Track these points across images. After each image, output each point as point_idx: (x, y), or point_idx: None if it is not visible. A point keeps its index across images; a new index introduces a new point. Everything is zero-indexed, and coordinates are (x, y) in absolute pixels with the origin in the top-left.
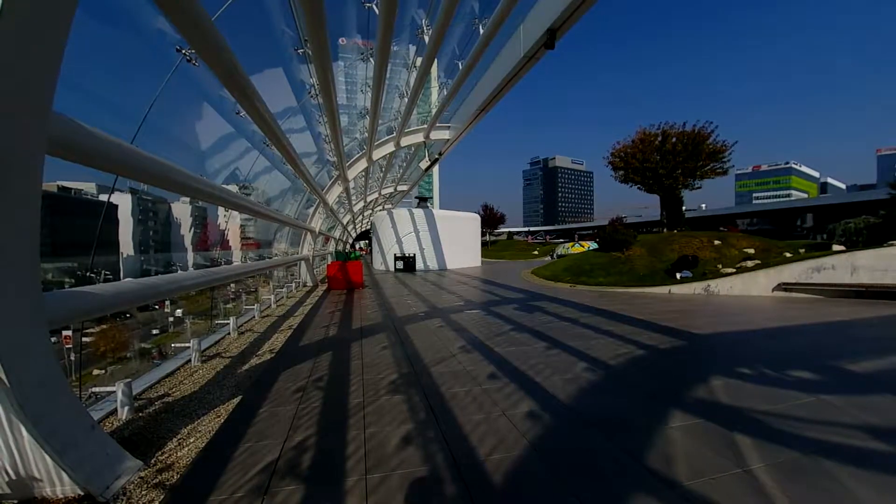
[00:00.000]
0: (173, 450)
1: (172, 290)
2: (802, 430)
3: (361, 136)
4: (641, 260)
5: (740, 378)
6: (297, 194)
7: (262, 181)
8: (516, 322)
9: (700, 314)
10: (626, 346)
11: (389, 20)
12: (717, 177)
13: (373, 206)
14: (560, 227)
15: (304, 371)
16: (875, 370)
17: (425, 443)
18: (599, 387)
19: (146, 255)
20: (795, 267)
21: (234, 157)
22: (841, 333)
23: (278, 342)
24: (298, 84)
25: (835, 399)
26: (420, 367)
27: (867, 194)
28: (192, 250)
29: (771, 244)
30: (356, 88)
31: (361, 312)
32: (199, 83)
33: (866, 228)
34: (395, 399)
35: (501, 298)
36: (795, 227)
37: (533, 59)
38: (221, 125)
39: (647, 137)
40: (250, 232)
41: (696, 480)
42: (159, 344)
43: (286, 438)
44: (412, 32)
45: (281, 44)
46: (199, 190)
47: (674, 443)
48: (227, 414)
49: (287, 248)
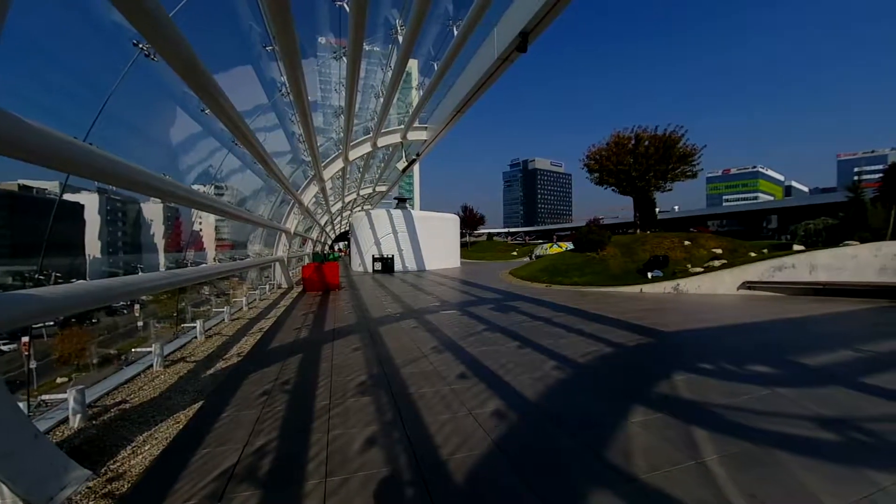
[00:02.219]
0: (126, 458)
1: (129, 293)
2: (756, 422)
3: (337, 136)
4: (615, 260)
5: (702, 373)
6: (271, 194)
7: (235, 180)
8: (490, 322)
9: (668, 312)
10: (596, 344)
11: (360, 19)
12: (688, 179)
13: (351, 207)
14: (539, 228)
15: (271, 374)
16: (827, 364)
17: (389, 444)
18: (567, 384)
19: (115, 257)
20: (759, 266)
21: (203, 156)
22: (798, 329)
23: (247, 345)
24: (269, 82)
25: (789, 392)
26: (390, 368)
27: (827, 197)
28: (163, 252)
29: (738, 244)
30: (331, 87)
31: (335, 314)
32: (162, 79)
33: (825, 229)
34: (363, 401)
35: (478, 299)
36: (762, 228)
37: (507, 61)
38: (188, 123)
39: (621, 140)
40: (225, 233)
41: (653, 473)
42: (124, 349)
43: (247, 443)
44: (387, 32)
45: (249, 40)
46: (160, 189)
47: (634, 438)
48: (186, 420)
49: (261, 249)
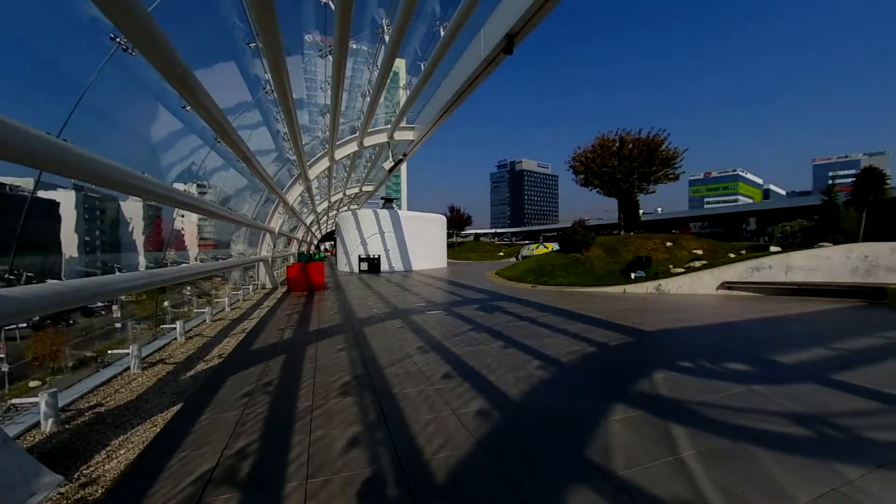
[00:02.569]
0: (100, 463)
1: (105, 293)
2: (732, 419)
3: (323, 135)
4: (599, 261)
5: (681, 371)
6: (255, 193)
7: (218, 178)
8: (476, 322)
9: (650, 312)
10: (579, 343)
11: (346, 17)
12: (670, 182)
13: (338, 207)
14: (526, 229)
15: (253, 376)
16: (801, 361)
17: (372, 444)
18: (550, 383)
19: (92, 256)
20: (737, 267)
21: (185, 154)
22: (774, 328)
23: (228, 346)
24: (253, 79)
25: (764, 388)
26: (375, 368)
27: (803, 200)
28: (143, 251)
29: (717, 246)
30: (317, 85)
31: (320, 315)
32: (141, 75)
33: (800, 231)
34: (346, 401)
35: (464, 299)
36: (741, 230)
37: (493, 63)
38: (169, 120)
39: (606, 143)
40: (208, 232)
41: (631, 470)
42: (101, 352)
43: (226, 446)
44: (373, 31)
45: (232, 37)
46: (138, 187)
47: (614, 435)
48: (164, 423)
49: (245, 248)
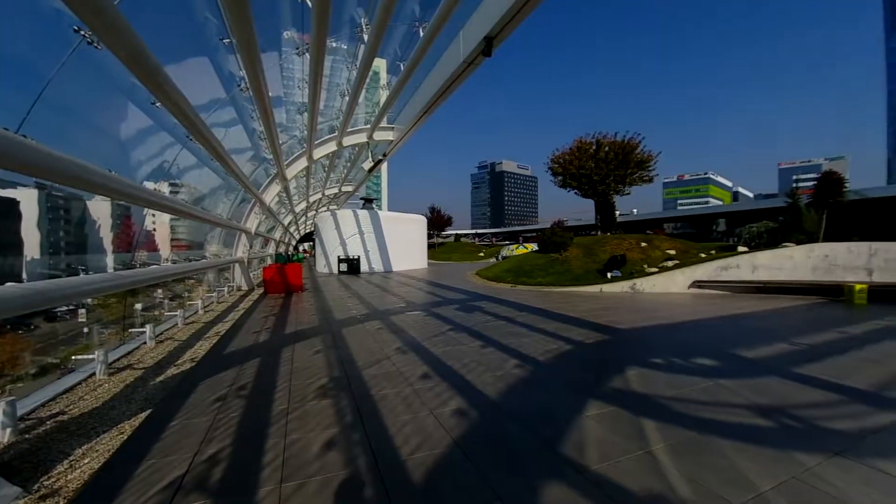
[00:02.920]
0: (62, 473)
1: (69, 296)
2: (700, 412)
3: (301, 134)
4: (577, 261)
5: (652, 367)
6: (230, 192)
7: (191, 177)
8: (455, 322)
9: (625, 310)
10: (556, 342)
11: (323, 15)
12: (645, 184)
13: (316, 207)
14: (506, 230)
15: (227, 380)
16: (765, 356)
17: (349, 446)
18: (527, 382)
19: (56, 258)
20: (707, 266)
21: (155, 152)
22: (740, 325)
23: (201, 350)
24: (227, 75)
25: (730, 383)
26: (352, 370)
27: (769, 202)
28: (111, 252)
29: (689, 246)
30: (294, 83)
31: (297, 316)
32: (108, 69)
33: (766, 232)
34: (323, 404)
35: (443, 299)
36: (712, 231)
37: (472, 64)
38: (139, 116)
39: (583, 145)
40: (181, 232)
41: (604, 464)
42: (65, 358)
43: (197, 452)
44: (352, 30)
45: (204, 32)
46: (104, 186)
47: (588, 431)
48: (132, 430)
49: (219, 249)
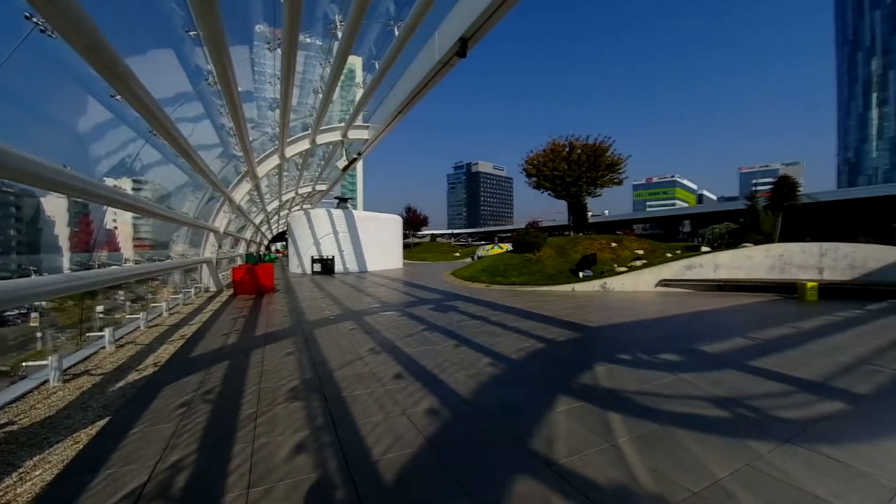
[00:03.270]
0: (11, 487)
1: (17, 299)
2: (662, 405)
3: (273, 131)
4: (550, 260)
5: (620, 363)
6: (197, 190)
7: (155, 174)
8: (429, 322)
9: (596, 309)
10: (529, 340)
11: (296, 10)
12: (615, 186)
13: (289, 206)
14: (482, 230)
15: (192, 384)
16: (724, 350)
17: (319, 449)
18: (499, 380)
19: (5, 257)
20: (673, 265)
21: (115, 147)
22: (703, 321)
23: (165, 354)
24: (194, 69)
25: (690, 376)
26: (324, 371)
27: (731, 205)
28: (68, 252)
29: (657, 246)
30: (265, 79)
31: (268, 318)
32: (64, 59)
33: (728, 233)
34: (293, 406)
35: (418, 299)
36: (678, 232)
37: (448, 65)
38: (97, 109)
39: (557, 148)
40: (145, 231)
41: (572, 458)
42: (15, 365)
43: (159, 459)
44: (326, 26)
45: (170, 23)
46: (56, 182)
47: (558, 426)
48: (88, 439)
49: (186, 249)
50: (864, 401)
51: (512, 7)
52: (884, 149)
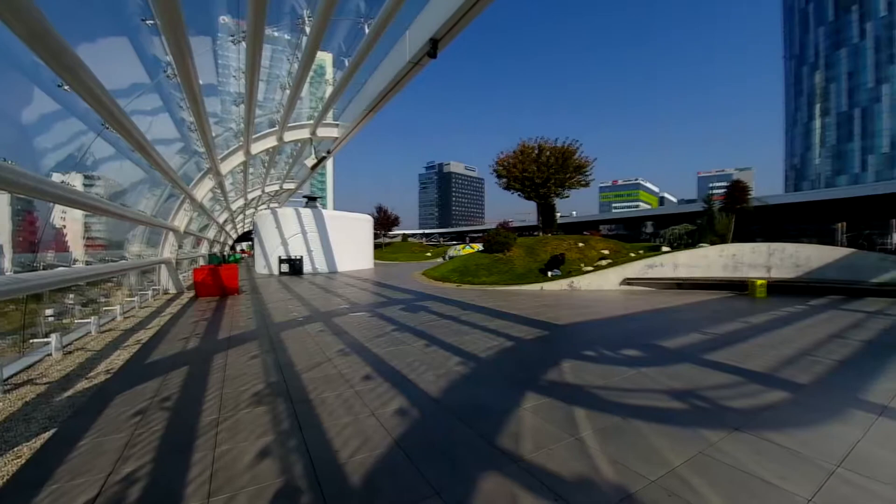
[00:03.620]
0: None
1: None
2: (624, 399)
3: (238, 127)
4: (520, 260)
5: (585, 360)
6: (155, 187)
7: (109, 170)
8: (399, 322)
9: (563, 307)
10: (498, 338)
11: (260, 4)
12: (582, 188)
13: (256, 205)
14: (453, 230)
15: (148, 391)
16: (681, 345)
17: (284, 454)
18: (468, 378)
19: None
20: (636, 265)
21: (64, 140)
22: (662, 317)
23: (119, 360)
24: (151, 59)
25: (650, 371)
26: (291, 374)
27: (690, 207)
28: (9, 252)
29: (621, 246)
30: (230, 72)
31: (232, 321)
32: (5, 46)
33: (686, 234)
34: (257, 411)
35: (389, 300)
36: (641, 233)
37: (418, 65)
38: (42, 99)
39: (526, 150)
40: (97, 230)
41: (538, 452)
42: None
43: (111, 472)
44: (293, 21)
45: (124, 11)
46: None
47: (524, 422)
48: (31, 453)
49: (142, 249)
50: (805, 389)
51: (482, 11)
52: (826, 156)
